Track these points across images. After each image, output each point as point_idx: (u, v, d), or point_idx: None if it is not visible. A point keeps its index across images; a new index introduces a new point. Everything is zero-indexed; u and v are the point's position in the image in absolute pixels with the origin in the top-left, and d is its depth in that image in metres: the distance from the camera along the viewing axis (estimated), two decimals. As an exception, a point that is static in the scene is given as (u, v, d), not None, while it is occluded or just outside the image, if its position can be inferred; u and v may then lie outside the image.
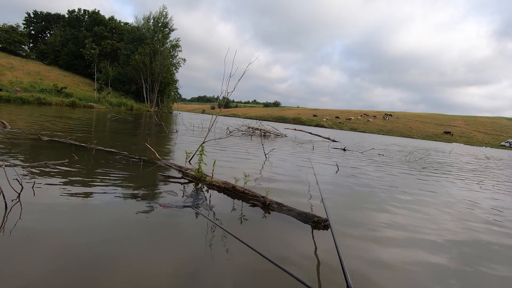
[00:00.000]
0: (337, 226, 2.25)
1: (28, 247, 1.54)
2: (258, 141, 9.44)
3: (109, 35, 46.47)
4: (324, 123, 65.94)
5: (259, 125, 13.98)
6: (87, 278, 1.35)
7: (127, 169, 3.57)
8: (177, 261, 1.58)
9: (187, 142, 7.44)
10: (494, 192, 4.96)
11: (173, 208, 2.36)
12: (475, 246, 2.32)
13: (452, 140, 53.00)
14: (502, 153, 27.68)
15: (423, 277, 1.72)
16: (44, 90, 25.73)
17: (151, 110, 38.63)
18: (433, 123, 70.05)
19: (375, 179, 4.81)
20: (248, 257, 1.70)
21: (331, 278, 1.58)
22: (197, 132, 11.10)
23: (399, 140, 33.29)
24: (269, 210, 2.56)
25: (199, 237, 1.90)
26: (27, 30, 48.46)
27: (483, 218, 3.17)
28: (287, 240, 2.02)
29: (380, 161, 7.89)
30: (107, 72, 40.46)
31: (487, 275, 1.84)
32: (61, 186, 2.57)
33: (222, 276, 1.49)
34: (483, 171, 8.44)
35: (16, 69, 30.94)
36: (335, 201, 3.16)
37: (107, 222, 1.98)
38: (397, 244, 2.18)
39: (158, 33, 43.75)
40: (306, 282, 1.28)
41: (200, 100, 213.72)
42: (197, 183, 3.23)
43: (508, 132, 60.12)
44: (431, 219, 2.89)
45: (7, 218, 1.83)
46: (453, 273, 1.82)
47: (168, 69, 43.00)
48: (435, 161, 9.78)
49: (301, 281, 1.29)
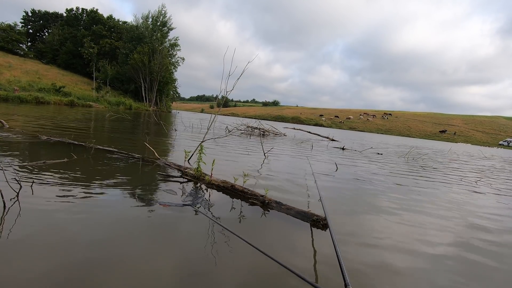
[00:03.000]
0: (335, 225, 2.26)
1: (27, 247, 1.54)
2: (257, 140, 9.44)
3: (108, 34, 46.28)
4: (323, 122, 65.99)
5: (258, 124, 13.97)
6: (86, 277, 1.35)
7: (126, 168, 3.56)
8: (177, 260, 1.59)
9: (186, 141, 7.43)
10: (493, 191, 4.98)
11: (173, 206, 2.36)
12: (476, 246, 2.33)
13: (451, 140, 53.17)
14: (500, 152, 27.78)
15: (423, 277, 1.73)
16: (42, 89, 25.64)
17: (150, 109, 38.56)
18: (431, 122, 70.20)
19: (373, 178, 4.82)
20: (249, 255, 1.71)
21: (330, 276, 1.59)
22: (196, 131, 11.09)
23: (397, 139, 33.37)
24: (268, 208, 2.57)
25: (199, 235, 1.90)
26: (25, 28, 48.17)
27: (484, 216, 3.19)
28: (286, 239, 2.03)
29: (378, 160, 7.91)
30: (106, 71, 40.30)
31: (489, 275, 1.86)
32: (60, 186, 2.56)
33: (223, 274, 1.49)
34: (481, 170, 8.48)
35: (14, 68, 30.78)
36: (333, 200, 3.18)
37: (106, 221, 1.98)
38: (396, 244, 2.19)
39: (157, 32, 43.59)
40: (307, 278, 1.29)
41: (199, 99, 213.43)
42: (196, 182, 3.23)
43: (506, 131, 60.35)
44: (431, 219, 2.90)
45: (5, 218, 1.83)
46: (454, 272, 1.84)
47: (167, 68, 42.87)
48: (432, 161, 9.81)
49: (302, 278, 1.30)
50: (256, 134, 12.79)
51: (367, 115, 76.46)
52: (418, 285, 1.63)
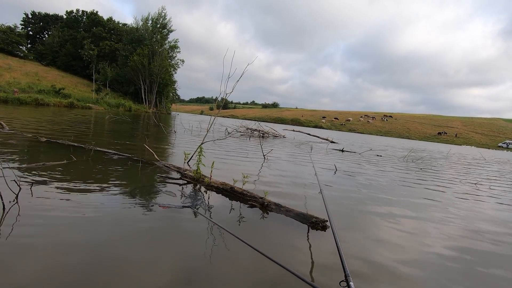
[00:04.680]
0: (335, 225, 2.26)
1: (26, 249, 1.54)
2: (257, 142, 9.45)
3: (108, 36, 46.37)
4: (322, 124, 66.06)
5: (258, 126, 13.98)
6: (86, 279, 1.35)
7: (125, 170, 3.57)
8: (177, 261, 1.59)
9: (185, 143, 7.43)
10: (493, 192, 4.99)
11: (172, 208, 2.36)
12: (477, 247, 2.34)
13: (450, 141, 53.25)
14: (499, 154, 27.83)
15: (423, 277, 1.73)
16: (42, 91, 25.62)
17: (150, 111, 38.56)
18: (431, 124, 70.33)
19: (373, 180, 4.83)
20: (248, 256, 1.71)
21: (329, 279, 1.59)
22: (196, 133, 11.10)
23: (396, 141, 33.40)
24: (268, 210, 2.57)
25: (199, 237, 1.91)
26: (25, 30, 48.23)
27: (484, 215, 3.20)
28: (286, 240, 2.03)
29: (378, 162, 7.92)
30: (106, 73, 40.34)
31: (491, 276, 1.86)
32: (59, 187, 2.56)
33: (223, 276, 1.49)
34: (479, 171, 8.49)
35: (14, 69, 30.80)
36: (333, 202, 3.18)
37: (106, 223, 1.98)
38: (396, 244, 2.19)
39: (157, 34, 43.76)
40: (307, 280, 1.29)
41: (199, 101, 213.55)
42: (195, 184, 3.24)
43: (506, 133, 60.47)
44: (430, 218, 2.91)
45: (4, 220, 1.83)
46: (454, 272, 1.84)
47: (166, 70, 42.97)
48: (431, 163, 9.82)
49: (303, 279, 1.30)
50: (256, 136, 12.80)
51: (367, 117, 76.58)
52: (418, 285, 1.63)
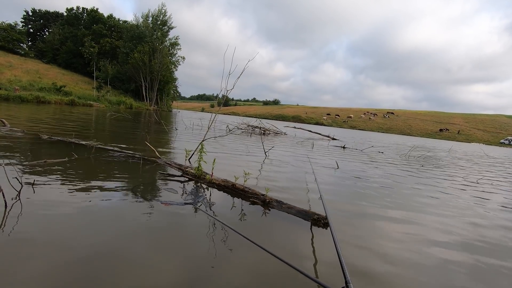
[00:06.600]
0: (336, 224, 2.26)
1: (28, 246, 1.54)
2: (258, 139, 9.44)
3: (108, 33, 46.23)
4: (324, 121, 65.93)
5: (259, 123, 13.96)
6: (87, 276, 1.35)
7: (127, 167, 3.57)
8: (180, 257, 1.59)
9: (186, 140, 7.43)
10: (494, 188, 4.97)
11: (174, 205, 2.36)
12: (480, 242, 2.33)
13: (451, 138, 53.03)
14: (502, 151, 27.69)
15: (423, 277, 1.73)
16: (43, 88, 25.67)
17: (151, 108, 38.56)
18: (432, 121, 70.07)
19: (374, 177, 4.81)
20: (250, 252, 1.71)
21: (331, 275, 1.59)
22: (197, 130, 11.09)
23: (398, 138, 33.30)
24: (269, 208, 2.56)
25: (201, 233, 1.91)
26: (25, 28, 48.13)
27: (485, 214, 3.18)
28: (287, 237, 2.03)
29: (379, 159, 7.90)
30: (106, 70, 40.32)
31: (494, 271, 1.85)
32: (61, 185, 2.57)
33: (226, 272, 1.49)
34: (481, 167, 8.46)
35: (15, 67, 30.80)
36: (334, 199, 3.17)
37: (107, 220, 1.98)
38: (396, 242, 2.18)
39: (157, 31, 43.57)
40: (310, 275, 1.29)
41: (200, 98, 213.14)
42: (197, 181, 3.24)
43: (508, 130, 60.15)
44: (430, 218, 2.90)
45: (7, 217, 1.83)
46: (454, 272, 1.83)
47: (167, 67, 42.89)
48: (432, 159, 9.79)
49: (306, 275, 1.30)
50: (257, 133, 12.79)
51: (368, 113, 76.31)
52: (419, 285, 1.63)
